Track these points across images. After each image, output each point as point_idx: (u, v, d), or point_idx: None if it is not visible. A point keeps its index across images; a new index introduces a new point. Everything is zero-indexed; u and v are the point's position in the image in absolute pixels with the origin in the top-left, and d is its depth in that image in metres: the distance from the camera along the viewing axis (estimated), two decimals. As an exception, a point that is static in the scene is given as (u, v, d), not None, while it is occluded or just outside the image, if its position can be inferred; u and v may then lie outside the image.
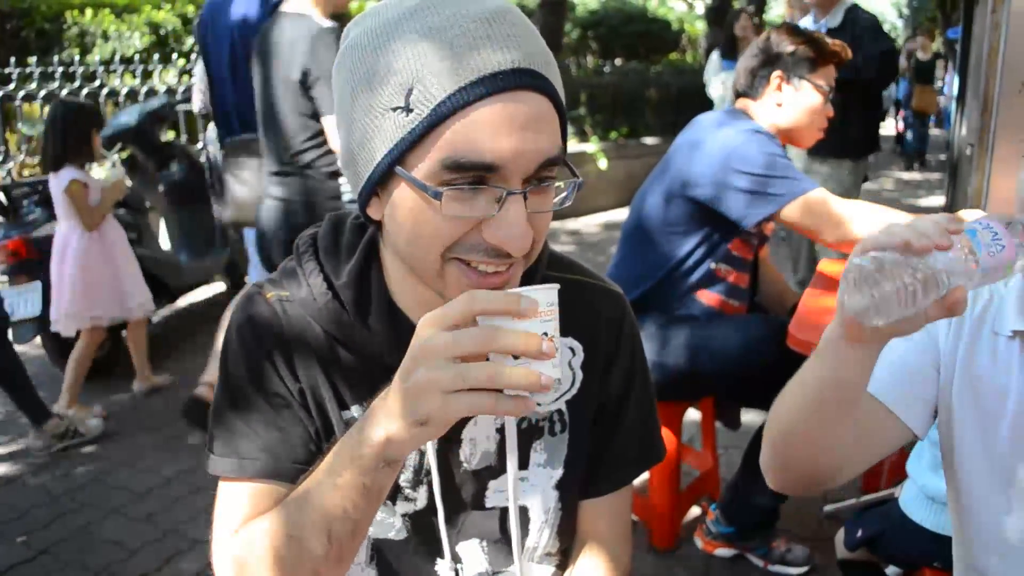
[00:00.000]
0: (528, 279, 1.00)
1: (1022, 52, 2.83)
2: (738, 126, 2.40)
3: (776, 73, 2.42)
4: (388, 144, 0.83)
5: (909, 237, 0.82)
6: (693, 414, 3.01)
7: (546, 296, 0.77)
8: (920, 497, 1.78)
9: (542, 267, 1.04)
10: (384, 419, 0.80)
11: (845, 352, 0.96)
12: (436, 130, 0.80)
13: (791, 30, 2.45)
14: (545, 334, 0.76)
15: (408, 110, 0.80)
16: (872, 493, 2.15)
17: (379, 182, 0.86)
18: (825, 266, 2.88)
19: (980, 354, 1.12)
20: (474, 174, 0.81)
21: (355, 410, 1.04)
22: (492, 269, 0.87)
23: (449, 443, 1.05)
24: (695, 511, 2.87)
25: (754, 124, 2.43)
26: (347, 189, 2.86)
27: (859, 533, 1.88)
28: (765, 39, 2.48)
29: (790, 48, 2.41)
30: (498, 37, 0.80)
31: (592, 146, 9.04)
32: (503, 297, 0.75)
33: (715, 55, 7.36)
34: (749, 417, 2.98)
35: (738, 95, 2.53)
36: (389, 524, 1.08)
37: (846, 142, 4.08)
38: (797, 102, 2.42)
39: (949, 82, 10.87)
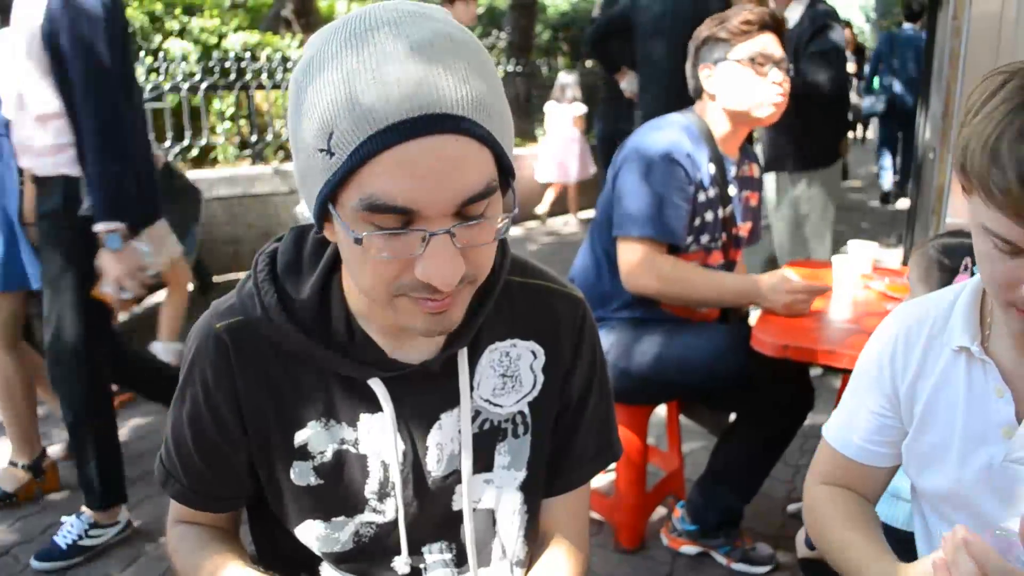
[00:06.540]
0: (489, 288, 1.03)
1: (982, 56, 2.88)
2: (664, 130, 2.41)
3: (700, 67, 2.42)
4: (319, 183, 0.84)
5: None
6: (659, 415, 3.03)
7: None
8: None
9: (503, 275, 1.07)
10: None
11: None
12: (356, 174, 0.81)
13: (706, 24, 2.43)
14: None
15: (330, 153, 0.81)
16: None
17: (322, 214, 0.88)
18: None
19: (932, 369, 1.17)
20: (393, 217, 0.82)
21: (310, 427, 1.06)
22: (436, 298, 0.89)
23: (416, 452, 1.07)
24: (661, 511, 2.89)
25: (681, 124, 2.42)
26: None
27: (819, 531, 1.90)
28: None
29: (700, 39, 2.41)
30: (411, 81, 0.78)
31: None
32: None
33: None
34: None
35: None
36: (334, 539, 1.10)
37: (813, 152, 4.09)
38: (723, 86, 2.38)
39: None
